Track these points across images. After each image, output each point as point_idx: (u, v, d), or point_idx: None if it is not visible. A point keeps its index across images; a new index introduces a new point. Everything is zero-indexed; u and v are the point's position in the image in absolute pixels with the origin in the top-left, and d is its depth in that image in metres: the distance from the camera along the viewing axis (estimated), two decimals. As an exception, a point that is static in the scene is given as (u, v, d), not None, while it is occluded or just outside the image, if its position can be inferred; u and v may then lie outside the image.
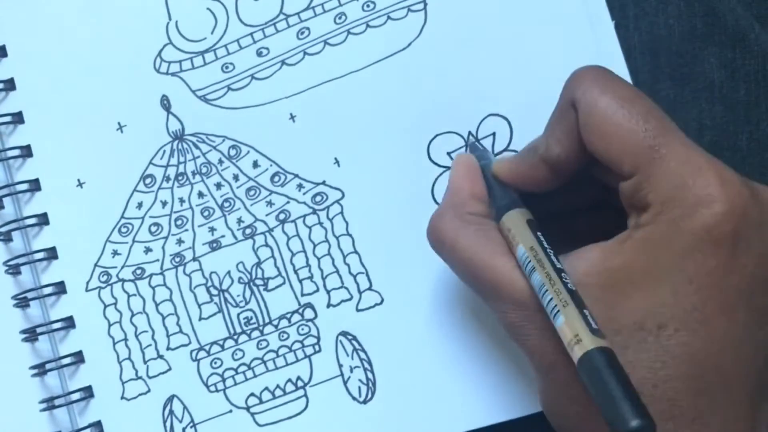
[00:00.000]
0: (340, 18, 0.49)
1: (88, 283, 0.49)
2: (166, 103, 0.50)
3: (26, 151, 0.50)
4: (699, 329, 0.36)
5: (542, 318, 0.38)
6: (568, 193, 0.43)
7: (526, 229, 0.40)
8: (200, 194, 0.49)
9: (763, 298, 0.37)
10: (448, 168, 0.48)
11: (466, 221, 0.41)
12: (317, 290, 0.48)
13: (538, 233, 0.39)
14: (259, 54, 0.49)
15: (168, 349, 0.49)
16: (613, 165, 0.38)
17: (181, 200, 0.49)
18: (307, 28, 0.49)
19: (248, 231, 0.49)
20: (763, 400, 0.37)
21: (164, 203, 0.49)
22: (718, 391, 0.36)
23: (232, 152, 0.49)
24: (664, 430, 0.35)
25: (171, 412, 0.48)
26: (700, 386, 0.35)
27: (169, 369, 0.49)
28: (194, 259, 0.49)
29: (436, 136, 0.48)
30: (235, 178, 0.49)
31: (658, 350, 0.36)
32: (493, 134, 0.48)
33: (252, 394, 0.48)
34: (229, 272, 0.49)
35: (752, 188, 0.37)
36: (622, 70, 0.47)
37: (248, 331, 0.48)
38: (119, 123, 0.50)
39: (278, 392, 0.48)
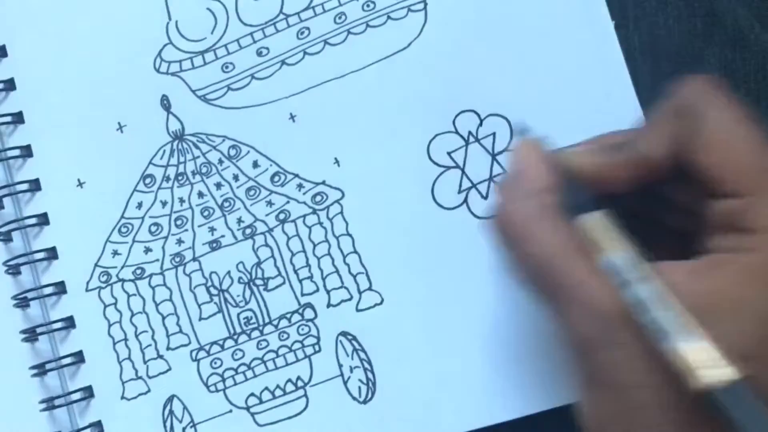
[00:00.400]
0: (340, 18, 0.49)
1: (88, 283, 0.49)
2: (166, 103, 0.50)
3: (26, 151, 0.50)
4: None
5: (625, 332, 0.34)
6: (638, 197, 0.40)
7: (616, 233, 0.36)
8: (200, 194, 0.49)
9: None
10: (448, 168, 0.48)
11: (546, 210, 0.37)
12: (317, 290, 0.48)
13: (631, 242, 0.36)
14: (259, 54, 0.49)
15: (168, 349, 0.49)
16: (717, 181, 0.35)
17: (181, 200, 0.49)
18: (307, 28, 0.49)
19: (248, 231, 0.49)
20: None
21: (164, 203, 0.49)
22: None
23: (232, 152, 0.49)
24: None
25: (171, 412, 0.48)
26: None
27: (169, 369, 0.49)
28: (194, 259, 0.49)
29: (436, 135, 0.48)
30: (235, 178, 0.49)
31: None
32: (494, 134, 0.48)
33: (252, 394, 0.48)
34: (229, 272, 0.49)
35: None
36: (622, 70, 0.47)
37: (248, 331, 0.48)
38: (119, 123, 0.50)
39: (278, 392, 0.48)
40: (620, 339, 0.34)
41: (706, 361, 0.33)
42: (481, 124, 0.48)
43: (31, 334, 0.49)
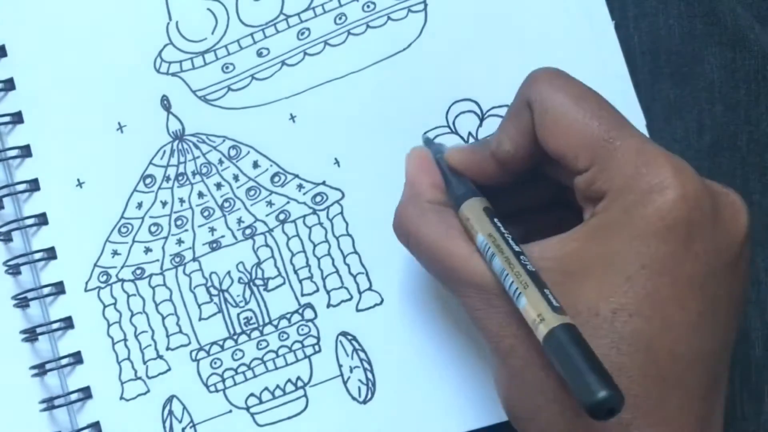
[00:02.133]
0: (340, 18, 0.49)
1: (87, 283, 0.49)
2: (166, 103, 0.50)
3: (25, 151, 0.50)
4: (652, 316, 0.36)
5: (502, 303, 0.38)
6: (524, 192, 0.44)
7: (483, 216, 0.40)
8: (200, 194, 0.49)
9: (716, 288, 0.37)
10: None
11: (426, 209, 0.42)
12: (317, 290, 0.48)
13: (495, 219, 0.40)
14: (259, 54, 0.49)
15: (167, 349, 0.49)
16: (569, 160, 0.39)
17: (181, 200, 0.49)
18: (308, 29, 0.49)
19: (248, 231, 0.49)
20: (718, 390, 0.38)
21: (164, 203, 0.49)
22: (672, 378, 0.36)
23: (233, 152, 0.49)
24: (620, 419, 0.35)
25: (170, 412, 0.48)
26: (655, 373, 0.35)
27: (169, 369, 0.49)
28: (194, 259, 0.49)
29: (436, 136, 0.48)
30: (235, 178, 0.49)
31: (613, 336, 0.36)
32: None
33: (252, 395, 0.48)
34: (229, 272, 0.49)
35: (704, 181, 0.38)
36: (622, 70, 0.47)
37: (248, 332, 0.48)
38: (119, 123, 0.50)
39: (278, 392, 0.48)
40: (497, 306, 0.38)
41: (540, 317, 0.35)
42: (480, 125, 0.48)
43: (30, 334, 0.49)
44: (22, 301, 0.49)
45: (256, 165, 0.49)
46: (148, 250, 0.49)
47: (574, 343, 0.34)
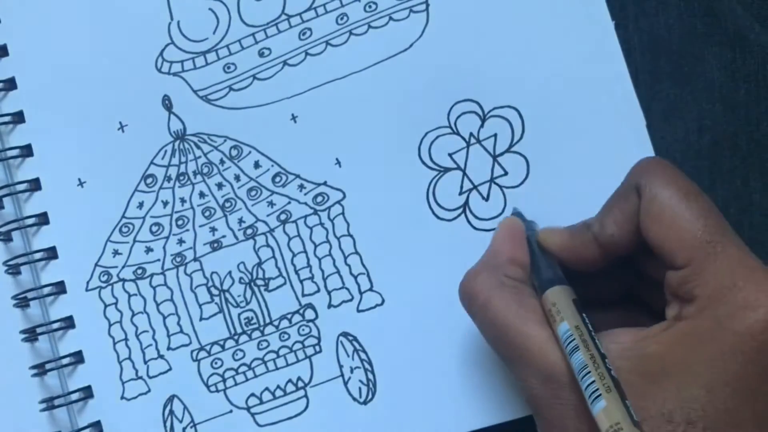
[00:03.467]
0: (342, 19, 0.49)
1: (88, 282, 0.49)
2: (167, 103, 0.50)
3: (26, 151, 0.50)
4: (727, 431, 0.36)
5: (570, 396, 0.38)
6: (598, 283, 0.43)
7: (571, 306, 0.39)
8: (201, 194, 0.49)
9: None
10: (449, 169, 0.48)
11: (503, 283, 0.41)
12: (318, 291, 0.48)
13: (584, 315, 0.39)
14: (260, 54, 0.49)
15: (168, 349, 0.49)
16: (667, 254, 0.38)
17: (182, 200, 0.49)
18: (309, 29, 0.49)
19: (249, 231, 0.49)
20: None
21: (165, 203, 0.49)
22: None
23: (234, 152, 0.49)
24: None
25: (171, 412, 0.48)
26: None
27: (170, 369, 0.49)
28: (195, 259, 0.49)
29: (438, 137, 0.48)
30: (237, 178, 0.49)
31: None
32: (495, 135, 0.48)
33: (252, 395, 0.48)
34: (230, 272, 0.49)
35: None
36: (622, 70, 0.47)
37: (249, 332, 0.48)
38: (120, 122, 0.50)
39: (279, 392, 0.48)
40: (563, 398, 0.38)
41: (617, 425, 0.35)
42: (482, 126, 0.48)
43: (30, 334, 0.49)
44: (22, 301, 0.49)
45: (257, 165, 0.49)
46: (149, 249, 0.49)
47: None
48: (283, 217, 0.49)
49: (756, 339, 0.36)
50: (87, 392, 0.49)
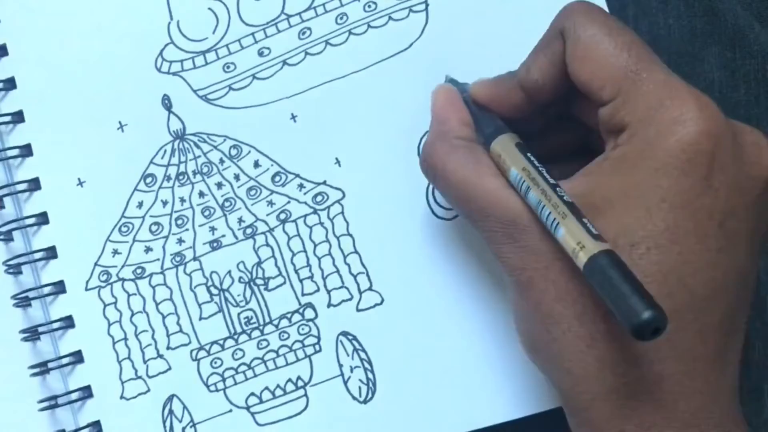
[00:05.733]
0: (341, 18, 0.49)
1: (87, 282, 0.49)
2: (167, 103, 0.50)
3: (26, 150, 0.50)
4: (671, 249, 0.36)
5: (527, 236, 0.39)
6: (551, 137, 0.44)
7: (516, 151, 0.41)
8: (201, 194, 0.49)
9: (736, 224, 0.37)
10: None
11: (455, 146, 0.42)
12: (318, 290, 0.48)
13: (529, 154, 0.40)
14: (260, 54, 0.49)
15: (168, 348, 0.49)
16: (595, 90, 0.39)
17: (182, 200, 0.49)
18: (309, 28, 0.49)
19: (249, 231, 0.49)
20: (735, 326, 0.38)
21: (165, 203, 0.49)
22: (687, 312, 0.36)
23: (233, 152, 0.49)
24: (631, 350, 0.36)
25: (171, 411, 0.48)
26: (670, 306, 0.35)
27: (169, 368, 0.49)
28: (195, 258, 0.49)
29: (437, 136, 0.48)
30: (236, 177, 0.49)
31: (631, 268, 0.36)
32: (494, 135, 0.48)
33: (252, 394, 0.48)
34: (229, 272, 0.49)
35: (727, 118, 0.38)
36: (622, 70, 0.47)
37: (248, 331, 0.48)
38: (120, 122, 0.50)
39: (278, 392, 0.48)
40: (522, 242, 0.39)
41: (580, 244, 0.36)
42: (481, 125, 0.48)
43: (31, 334, 0.49)
44: (22, 301, 0.49)
45: (256, 164, 0.49)
46: (148, 249, 0.49)
47: (617, 267, 0.34)
48: (282, 216, 0.49)
49: (686, 151, 0.36)
50: (86, 392, 0.49)
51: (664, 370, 0.36)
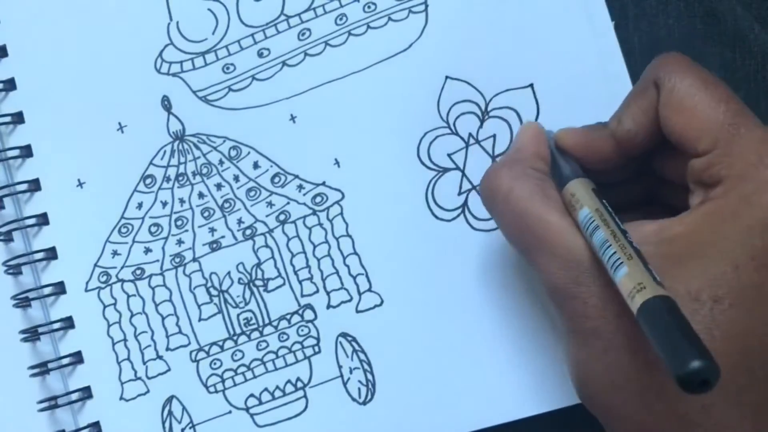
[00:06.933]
0: (341, 19, 0.49)
1: (87, 283, 0.49)
2: (166, 104, 0.50)
3: (26, 151, 0.50)
4: (754, 308, 0.35)
5: (591, 281, 0.37)
6: (620, 189, 0.43)
7: (591, 194, 0.39)
8: (200, 195, 0.49)
9: None
10: (448, 170, 0.48)
11: (527, 173, 0.41)
12: (317, 291, 0.48)
13: (603, 201, 0.39)
14: (260, 55, 0.49)
15: (167, 349, 0.49)
16: (689, 142, 0.38)
17: (182, 201, 0.49)
18: (308, 29, 0.49)
19: (248, 232, 0.49)
20: None
21: (164, 204, 0.49)
22: (758, 370, 0.36)
23: (233, 153, 0.49)
24: (702, 402, 0.35)
25: (170, 412, 0.48)
26: (744, 363, 0.35)
27: (169, 370, 0.49)
28: (194, 259, 0.49)
29: (437, 137, 0.48)
30: (236, 178, 0.49)
31: (710, 323, 0.35)
32: (494, 136, 0.48)
33: (251, 395, 0.48)
34: (229, 273, 0.49)
35: None
36: (621, 70, 0.47)
37: (248, 332, 0.48)
38: (120, 123, 0.50)
39: (278, 393, 0.48)
40: (585, 283, 0.37)
41: (640, 285, 0.34)
42: (481, 126, 0.48)
43: (30, 334, 0.49)
44: (22, 301, 0.49)
45: (256, 165, 0.49)
46: (148, 250, 0.49)
47: (671, 313, 0.33)
48: (282, 217, 0.49)
49: None
50: (86, 393, 0.49)
51: (732, 422, 0.35)
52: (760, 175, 0.36)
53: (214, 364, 0.48)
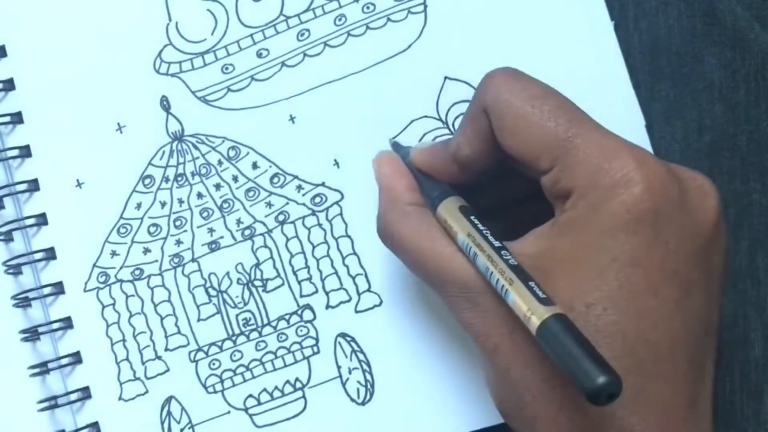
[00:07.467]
0: (340, 20, 0.49)
1: (86, 283, 0.49)
2: (165, 104, 0.50)
3: (25, 151, 0.50)
4: (626, 307, 0.36)
5: (486, 301, 0.39)
6: (498, 187, 0.44)
7: (460, 216, 0.40)
8: (199, 195, 0.49)
9: (688, 272, 0.37)
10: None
11: (405, 213, 0.42)
12: (316, 291, 0.48)
13: (473, 217, 0.40)
14: (259, 55, 0.49)
15: (166, 350, 0.49)
16: (531, 162, 0.39)
17: (180, 201, 0.49)
18: (307, 30, 0.49)
19: (247, 232, 0.49)
20: (702, 373, 0.38)
21: (163, 204, 0.49)
22: (651, 367, 0.36)
23: (232, 153, 0.49)
24: (603, 410, 0.36)
25: (169, 413, 0.48)
26: (632, 363, 0.35)
27: (168, 370, 0.49)
28: (193, 260, 0.49)
29: (436, 137, 0.48)
30: (235, 179, 0.49)
31: (590, 330, 0.36)
32: (493, 136, 0.48)
33: (250, 396, 0.48)
34: (227, 273, 0.49)
35: (669, 167, 0.38)
36: (621, 70, 0.47)
37: (247, 333, 0.48)
38: (119, 123, 0.50)
39: (276, 393, 0.48)
40: (481, 304, 0.39)
41: (530, 311, 0.35)
42: (480, 126, 0.48)
43: (30, 334, 0.49)
44: (22, 301, 0.49)
45: (255, 166, 0.49)
46: (147, 250, 0.49)
47: (568, 332, 0.34)
48: (281, 217, 0.49)
49: (631, 212, 0.36)
50: (85, 393, 0.49)
51: (636, 425, 0.36)
52: (602, 182, 0.37)
53: (213, 364, 0.48)
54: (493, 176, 0.42)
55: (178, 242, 0.49)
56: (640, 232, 0.36)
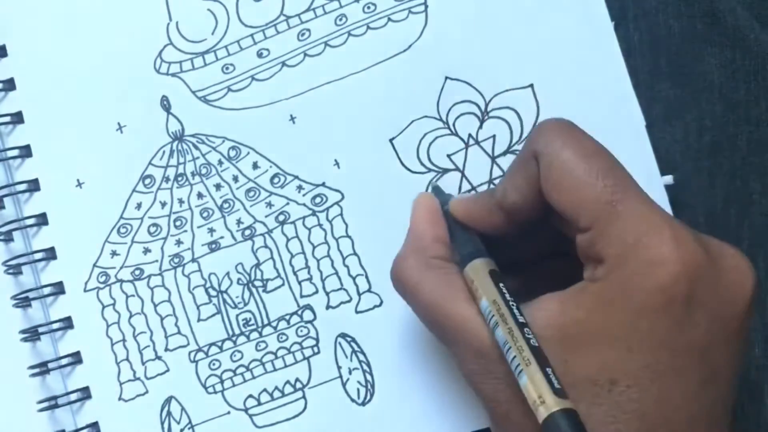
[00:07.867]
0: (340, 20, 0.49)
1: (86, 283, 0.49)
2: (166, 104, 0.50)
3: (26, 151, 0.50)
4: (650, 387, 0.36)
5: (501, 369, 0.38)
6: (530, 240, 0.43)
7: (488, 281, 0.40)
8: (199, 195, 0.49)
9: (717, 355, 0.37)
10: (447, 170, 0.48)
11: (429, 266, 0.42)
12: (316, 292, 0.48)
13: (501, 285, 0.39)
14: (259, 55, 0.49)
15: (166, 350, 0.49)
16: (571, 218, 0.38)
17: (181, 201, 0.49)
18: (308, 30, 0.49)
19: (247, 232, 0.49)
20: None
21: (163, 204, 0.49)
22: None
23: (232, 153, 0.49)
24: None
25: (169, 413, 0.48)
26: None
27: (167, 370, 0.48)
28: (193, 260, 0.49)
29: (436, 138, 0.48)
30: (235, 179, 0.49)
31: (611, 405, 0.36)
32: (493, 136, 0.48)
33: (250, 396, 0.48)
34: (228, 273, 0.49)
35: (706, 246, 0.37)
36: (621, 70, 0.47)
37: (247, 333, 0.48)
38: (119, 123, 0.50)
39: (277, 394, 0.48)
40: (494, 372, 0.38)
41: (540, 399, 0.35)
42: (481, 127, 0.48)
43: (30, 334, 0.49)
44: (22, 301, 0.49)
45: (255, 166, 0.49)
46: (147, 250, 0.49)
47: (573, 430, 0.34)
48: (281, 218, 0.49)
49: (665, 293, 0.36)
50: (85, 393, 0.49)
51: None
52: (638, 257, 0.36)
53: (213, 364, 0.48)
54: (532, 229, 0.42)
55: (179, 242, 0.49)
56: (672, 314, 0.36)
